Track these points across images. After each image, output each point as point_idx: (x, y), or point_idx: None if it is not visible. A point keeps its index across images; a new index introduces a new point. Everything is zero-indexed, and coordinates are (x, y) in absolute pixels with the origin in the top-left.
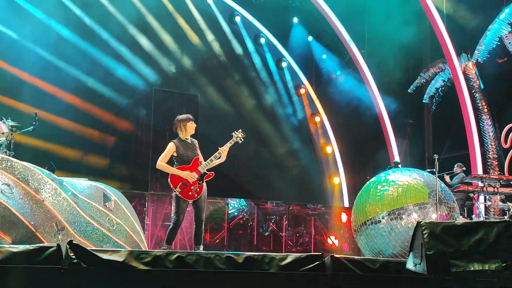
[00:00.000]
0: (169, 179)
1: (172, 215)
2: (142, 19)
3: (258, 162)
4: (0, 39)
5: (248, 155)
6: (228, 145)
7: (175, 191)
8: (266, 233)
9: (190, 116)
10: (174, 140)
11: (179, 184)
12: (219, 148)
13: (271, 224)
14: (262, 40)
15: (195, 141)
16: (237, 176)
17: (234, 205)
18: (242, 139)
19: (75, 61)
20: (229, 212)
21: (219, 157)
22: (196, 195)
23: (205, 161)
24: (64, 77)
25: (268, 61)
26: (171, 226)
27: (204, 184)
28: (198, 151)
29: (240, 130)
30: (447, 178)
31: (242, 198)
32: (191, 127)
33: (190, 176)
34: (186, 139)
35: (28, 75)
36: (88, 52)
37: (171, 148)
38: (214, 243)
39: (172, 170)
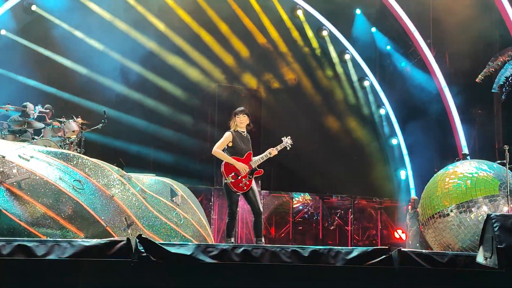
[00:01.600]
0: (222, 167)
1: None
2: (204, 15)
3: (323, 155)
4: (71, 41)
5: (312, 148)
6: (278, 148)
7: (226, 180)
8: (332, 227)
9: (241, 108)
10: (231, 130)
11: (232, 174)
12: (270, 149)
13: (336, 218)
14: (325, 33)
15: (248, 136)
16: (302, 170)
17: (299, 199)
18: (291, 146)
19: (140, 59)
20: (294, 206)
21: (269, 157)
22: (245, 187)
23: (259, 156)
24: (131, 75)
25: (331, 53)
26: (227, 220)
27: (253, 179)
28: (251, 146)
29: (290, 137)
30: None
31: (306, 192)
32: (240, 120)
33: (243, 168)
34: (242, 132)
35: (96, 75)
36: (154, 50)
37: (228, 137)
38: (279, 237)
39: (228, 159)
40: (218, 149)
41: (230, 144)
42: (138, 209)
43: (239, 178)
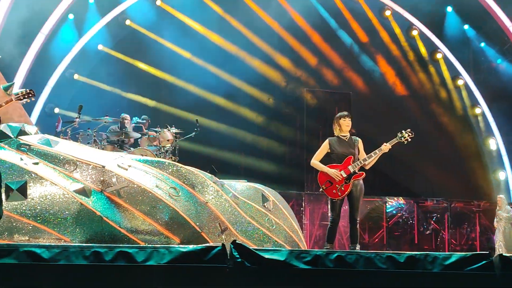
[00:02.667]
0: (318, 176)
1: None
2: (289, 19)
3: (416, 158)
4: (163, 53)
5: (405, 150)
6: (389, 143)
7: (321, 188)
8: (427, 232)
9: (344, 113)
10: (330, 138)
11: (325, 182)
12: (383, 144)
13: (432, 222)
14: (415, 32)
15: (357, 140)
16: (394, 173)
17: (393, 203)
18: (409, 140)
19: (227, 67)
20: (387, 211)
21: (379, 154)
22: (340, 194)
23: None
24: (219, 83)
25: (422, 53)
26: (328, 225)
27: (361, 182)
28: (358, 150)
29: (409, 130)
30: None
31: (400, 196)
32: (344, 123)
33: (336, 174)
34: (343, 136)
35: (188, 84)
36: (240, 58)
37: (324, 145)
38: (373, 242)
39: (321, 168)
40: (314, 160)
41: (329, 151)
42: (231, 214)
43: (333, 185)
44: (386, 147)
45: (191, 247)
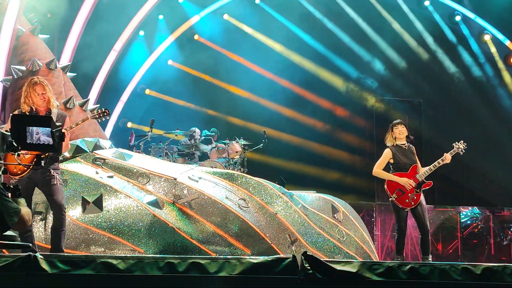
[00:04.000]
0: (385, 185)
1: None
2: (356, 28)
3: (490, 165)
4: (230, 65)
5: (478, 158)
6: (450, 153)
7: (391, 197)
8: (505, 242)
9: (398, 120)
10: (390, 146)
11: (396, 191)
12: (445, 153)
13: (509, 232)
14: (487, 37)
15: (412, 147)
16: (468, 182)
17: (467, 213)
18: (464, 151)
19: (295, 79)
20: (462, 221)
21: (442, 164)
22: (413, 203)
23: (427, 167)
24: (286, 95)
25: (495, 58)
26: (396, 236)
27: (421, 192)
28: (416, 157)
29: (462, 141)
30: None
31: (474, 206)
32: (397, 132)
33: (408, 183)
34: (402, 144)
35: (255, 96)
36: (306, 66)
37: (387, 154)
38: (447, 253)
39: (389, 176)
40: (377, 169)
41: (392, 161)
42: (301, 226)
43: (405, 194)
44: (447, 157)
45: (262, 258)
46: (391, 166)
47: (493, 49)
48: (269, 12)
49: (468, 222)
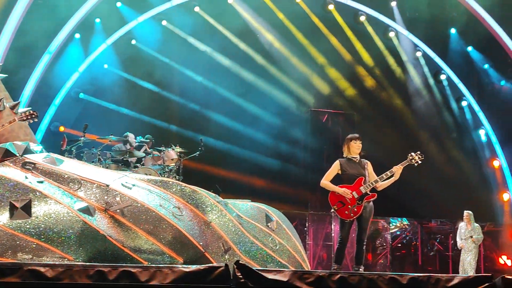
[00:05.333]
0: (328, 197)
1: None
2: (295, 42)
3: (420, 179)
4: (167, 72)
5: (409, 172)
6: (401, 165)
7: (332, 209)
8: (431, 253)
9: (356, 135)
10: (340, 159)
11: (337, 203)
12: (394, 166)
13: (436, 243)
14: (419, 54)
15: (367, 162)
16: (399, 194)
17: (396, 224)
18: (419, 162)
19: (232, 87)
20: (391, 231)
21: (390, 176)
22: (352, 214)
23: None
24: (224, 102)
25: (426, 74)
26: (337, 246)
27: (371, 204)
28: (368, 172)
29: (419, 152)
30: None
31: (404, 217)
32: (355, 146)
33: (346, 192)
34: (354, 158)
35: (192, 104)
36: (244, 77)
37: (335, 166)
38: (377, 263)
39: (332, 188)
40: (324, 180)
41: (340, 172)
42: (234, 234)
43: (345, 205)
44: (398, 169)
45: (194, 267)
46: (341, 178)
47: (424, 66)
48: (208, 21)
49: (398, 233)
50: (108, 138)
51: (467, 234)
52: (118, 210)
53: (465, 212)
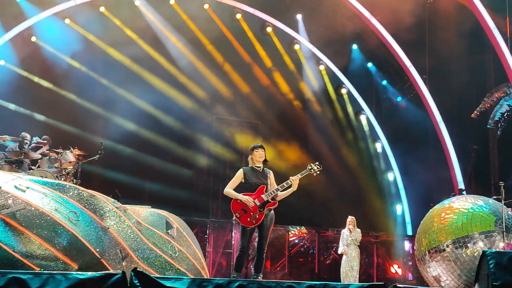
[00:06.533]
0: (231, 204)
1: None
2: (202, 48)
3: (319, 189)
4: (69, 72)
5: (309, 181)
6: (299, 175)
7: (234, 216)
8: (328, 261)
9: (258, 144)
10: (244, 167)
11: (239, 210)
12: (290, 177)
13: (332, 251)
14: (321, 67)
15: (269, 172)
16: (298, 203)
17: (295, 232)
18: (318, 172)
19: (136, 90)
20: (290, 239)
21: (288, 187)
22: (254, 221)
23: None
24: (127, 107)
25: (328, 88)
26: (238, 254)
27: (272, 212)
28: (270, 181)
29: (318, 163)
30: None
31: (303, 226)
32: (257, 155)
33: (248, 200)
34: (257, 167)
35: (93, 106)
36: (149, 81)
37: (238, 174)
38: (275, 270)
39: (235, 196)
40: (227, 189)
41: (243, 181)
42: (133, 241)
43: (247, 213)
44: (295, 179)
45: (89, 274)
46: (244, 186)
47: (326, 79)
48: (113, 22)
49: (296, 241)
50: (2, 138)
51: (349, 239)
52: (10, 213)
53: (349, 218)
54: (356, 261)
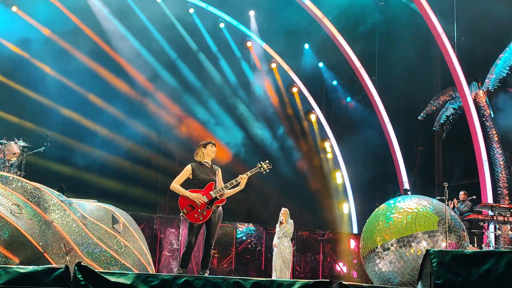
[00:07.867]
0: (178, 200)
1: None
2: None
3: (267, 187)
4: (15, 62)
5: (257, 179)
6: (248, 173)
7: (182, 212)
8: None
9: (212, 141)
10: (192, 163)
11: (186, 206)
12: (239, 175)
13: None
14: (273, 66)
15: (217, 168)
16: (246, 200)
17: (243, 229)
18: (268, 170)
19: (85, 83)
20: (238, 236)
21: (236, 184)
22: (201, 218)
23: (223, 185)
24: (75, 98)
25: (279, 86)
26: (184, 250)
27: (220, 209)
28: (218, 178)
29: (267, 161)
30: (455, 202)
31: (250, 223)
32: (211, 150)
33: (197, 198)
34: (206, 163)
35: (40, 96)
36: (99, 73)
37: (187, 170)
38: (222, 267)
39: (182, 192)
40: (174, 184)
41: (191, 177)
42: (78, 235)
43: (195, 209)
44: (243, 178)
45: (31, 268)
46: (192, 182)
47: (277, 77)
48: (62, 11)
49: (244, 238)
50: None
51: (281, 232)
52: None
53: (282, 209)
54: (288, 255)
